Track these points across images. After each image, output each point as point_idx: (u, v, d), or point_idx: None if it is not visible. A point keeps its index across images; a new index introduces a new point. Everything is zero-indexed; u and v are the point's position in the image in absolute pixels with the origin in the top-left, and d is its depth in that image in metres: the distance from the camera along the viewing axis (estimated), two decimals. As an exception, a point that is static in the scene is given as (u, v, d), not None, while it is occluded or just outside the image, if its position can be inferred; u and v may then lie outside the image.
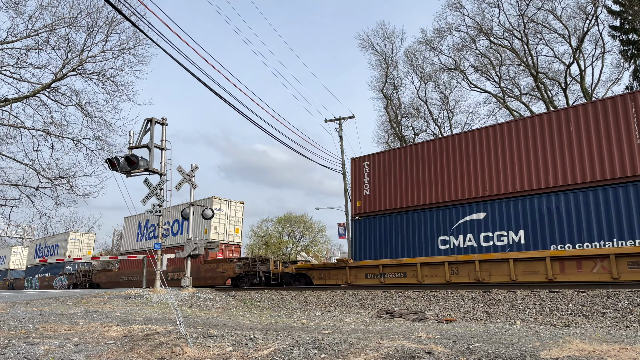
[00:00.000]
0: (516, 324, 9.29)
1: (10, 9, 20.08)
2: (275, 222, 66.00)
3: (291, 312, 12.59)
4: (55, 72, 22.01)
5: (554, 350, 4.92)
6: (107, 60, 22.99)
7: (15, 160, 21.85)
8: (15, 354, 5.86)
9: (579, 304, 10.06)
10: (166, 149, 18.40)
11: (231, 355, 5.46)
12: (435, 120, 38.18)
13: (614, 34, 29.43)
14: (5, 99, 20.92)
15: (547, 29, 31.74)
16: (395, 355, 4.91)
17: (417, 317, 10.57)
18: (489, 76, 34.65)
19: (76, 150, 22.83)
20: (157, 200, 17.77)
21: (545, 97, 31.93)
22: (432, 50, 36.94)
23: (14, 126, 21.41)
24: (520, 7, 31.76)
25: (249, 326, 8.60)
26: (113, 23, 22.54)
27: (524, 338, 6.61)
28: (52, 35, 21.46)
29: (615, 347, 5.05)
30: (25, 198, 21.91)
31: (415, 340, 6.10)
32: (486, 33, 33.51)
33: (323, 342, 5.68)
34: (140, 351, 5.95)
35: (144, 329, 7.37)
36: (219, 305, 14.68)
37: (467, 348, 5.16)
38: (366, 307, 12.84)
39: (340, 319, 10.67)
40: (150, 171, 17.65)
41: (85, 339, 6.93)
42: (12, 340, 6.77)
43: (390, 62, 39.11)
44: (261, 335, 6.29)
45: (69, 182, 22.36)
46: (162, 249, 17.64)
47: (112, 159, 17.49)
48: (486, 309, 10.89)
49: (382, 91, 39.46)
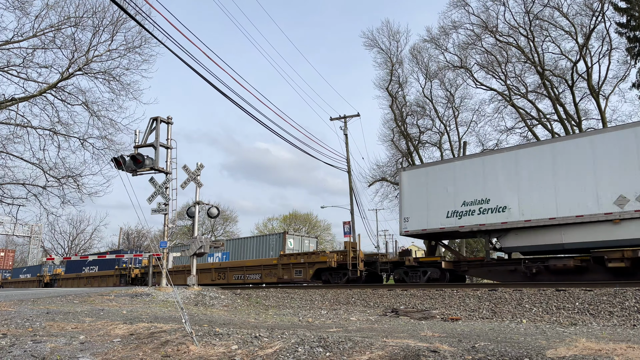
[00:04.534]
0: (522, 323, 9.25)
1: (16, 8, 20.18)
2: (281, 221, 66.11)
3: (296, 311, 12.60)
4: (61, 72, 22.11)
5: (560, 349, 4.90)
6: (113, 59, 23.06)
7: (23, 160, 21.97)
8: (22, 352, 5.90)
9: (585, 302, 10.01)
10: (172, 147, 18.44)
11: (237, 354, 5.47)
12: (440, 118, 37.99)
13: (620, 31, 29.17)
14: (12, 99, 21.04)
15: (553, 26, 31.50)
16: (400, 354, 4.90)
17: (423, 315, 10.55)
18: (495, 74, 34.44)
19: (83, 149, 22.94)
20: (163, 198, 17.82)
21: (552, 95, 31.72)
22: (437, 48, 36.74)
23: (21, 125, 21.53)
24: (525, 4, 31.54)
25: (255, 324, 8.62)
26: (119, 22, 22.60)
27: (530, 337, 6.58)
28: (58, 34, 21.55)
29: (622, 346, 5.02)
30: (33, 197, 22.03)
31: (421, 338, 6.09)
32: (491, 30, 33.31)
33: (328, 340, 5.68)
34: (146, 349, 5.97)
35: (149, 327, 7.40)
36: (225, 304, 14.72)
37: (472, 347, 5.14)
38: (371, 306, 12.83)
39: (345, 318, 10.67)
40: (156, 170, 17.70)
41: (91, 336, 6.96)
42: (19, 338, 6.81)
43: (396, 60, 38.94)
44: (266, 334, 6.29)
45: (76, 180, 22.47)
46: (168, 247, 17.70)
47: (118, 157, 17.56)
48: (492, 308, 10.85)
49: (387, 89, 39.32)
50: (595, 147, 14.16)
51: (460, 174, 16.89)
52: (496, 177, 16.00)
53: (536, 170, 15.14)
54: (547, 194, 14.70)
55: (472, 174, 16.57)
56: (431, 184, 17.53)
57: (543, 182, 14.89)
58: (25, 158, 21.99)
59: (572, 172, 14.43)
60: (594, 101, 30.35)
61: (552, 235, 14.52)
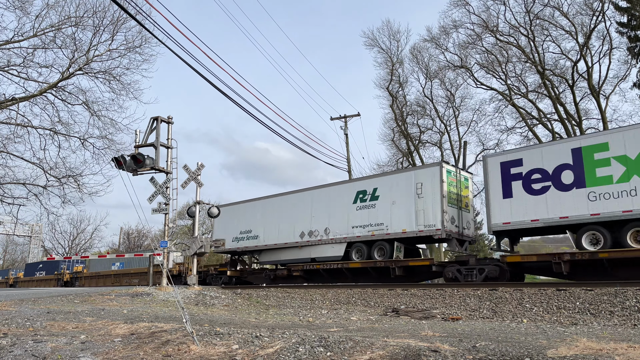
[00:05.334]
0: (523, 323, 9.25)
1: (17, 8, 20.22)
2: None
3: (297, 310, 12.61)
4: (61, 71, 22.14)
5: (561, 348, 4.90)
6: (113, 59, 23.11)
7: (23, 159, 22.01)
8: (23, 352, 5.90)
9: (586, 302, 10.00)
10: (172, 147, 18.44)
11: (237, 353, 5.47)
12: (441, 118, 37.99)
13: (621, 31, 29.13)
14: (12, 98, 21.06)
15: (554, 25, 31.48)
16: (401, 354, 4.90)
17: (423, 315, 10.55)
18: (495, 73, 34.43)
19: (83, 148, 22.99)
20: (163, 198, 17.82)
21: (552, 95, 31.70)
22: (437, 47, 36.73)
23: (21, 125, 21.55)
24: (526, 4, 31.53)
25: (255, 324, 8.62)
26: (119, 22, 22.63)
27: (531, 336, 6.58)
28: (58, 34, 21.59)
29: (623, 346, 5.02)
30: (33, 197, 22.09)
31: (422, 338, 6.09)
32: (492, 30, 33.30)
33: (329, 340, 5.68)
34: (147, 349, 5.97)
35: (150, 326, 7.40)
36: (225, 303, 14.72)
37: (473, 346, 5.14)
38: (372, 305, 12.83)
39: (346, 317, 10.67)
40: (156, 170, 17.70)
41: (92, 336, 6.97)
42: (19, 337, 6.81)
43: (396, 60, 38.96)
44: (267, 333, 6.30)
45: (76, 180, 22.52)
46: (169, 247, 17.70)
47: (118, 157, 17.55)
48: (493, 307, 10.85)
49: (388, 89, 39.33)
50: (294, 201, 21.34)
51: (241, 212, 23.80)
52: (255, 215, 22.93)
53: (269, 213, 22.24)
54: (275, 229, 21.72)
55: (244, 212, 23.61)
56: (233, 216, 24.10)
57: (273, 221, 21.91)
58: (25, 158, 22.06)
59: (285, 216, 21.42)
60: (595, 101, 30.34)
61: (278, 255, 21.66)
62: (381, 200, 18.09)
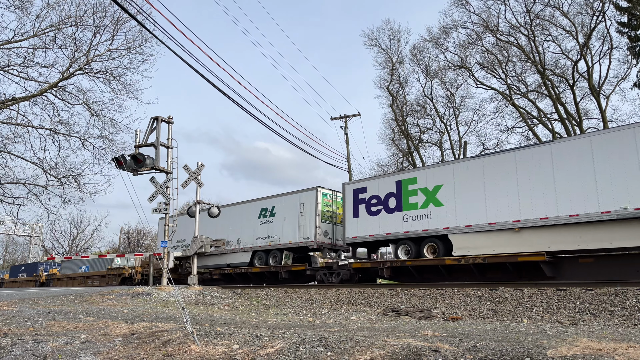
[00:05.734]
0: (523, 322, 9.25)
1: (17, 8, 20.21)
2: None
3: (297, 310, 12.61)
4: (62, 71, 22.12)
5: (561, 348, 4.90)
6: (114, 59, 23.08)
7: (23, 159, 22.01)
8: (23, 351, 5.91)
9: (586, 302, 10.01)
10: (172, 147, 18.45)
11: (238, 353, 5.47)
12: (441, 118, 37.99)
13: (621, 30, 29.12)
14: (12, 98, 21.05)
15: (554, 25, 31.47)
16: (401, 354, 4.91)
17: (424, 315, 10.55)
18: (495, 73, 34.42)
19: (83, 148, 22.97)
20: (164, 198, 17.83)
21: (552, 94, 31.69)
22: (437, 47, 36.72)
23: (21, 125, 21.55)
24: (526, 4, 31.51)
25: (255, 324, 8.62)
26: (119, 22, 22.61)
27: (531, 336, 6.58)
28: (58, 34, 21.57)
29: (623, 346, 5.02)
30: (33, 196, 22.08)
31: (422, 338, 6.09)
32: (492, 30, 33.30)
33: (329, 339, 5.68)
34: (147, 348, 5.98)
35: (150, 326, 7.41)
36: (225, 303, 14.73)
37: (473, 346, 5.14)
38: (372, 305, 12.83)
39: (346, 317, 10.67)
40: (156, 169, 17.70)
41: (92, 336, 6.97)
42: (20, 337, 6.82)
43: (396, 60, 38.96)
44: (267, 333, 6.30)
45: (76, 180, 22.51)
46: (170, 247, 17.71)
47: (118, 157, 17.55)
48: (493, 307, 10.85)
49: (388, 89, 39.34)
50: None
51: (180, 224, 22.03)
52: (187, 228, 23.31)
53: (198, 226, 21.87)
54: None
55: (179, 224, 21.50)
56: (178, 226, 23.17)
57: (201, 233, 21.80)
58: (26, 157, 22.04)
59: (210, 229, 22.52)
60: (595, 101, 30.34)
61: (206, 261, 23.94)
62: (277, 217, 21.98)
